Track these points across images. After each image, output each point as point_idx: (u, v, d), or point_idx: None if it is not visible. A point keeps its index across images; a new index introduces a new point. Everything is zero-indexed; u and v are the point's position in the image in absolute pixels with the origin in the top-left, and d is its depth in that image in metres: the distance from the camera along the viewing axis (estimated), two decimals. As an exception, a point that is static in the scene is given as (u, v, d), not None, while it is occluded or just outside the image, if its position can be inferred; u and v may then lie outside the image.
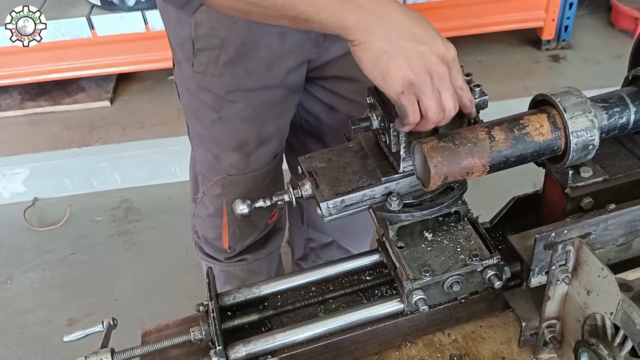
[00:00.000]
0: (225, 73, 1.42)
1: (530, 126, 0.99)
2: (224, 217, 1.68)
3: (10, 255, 2.89)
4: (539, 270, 1.01)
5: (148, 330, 1.19)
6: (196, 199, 1.74)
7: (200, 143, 1.63)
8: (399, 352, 1.13)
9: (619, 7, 3.93)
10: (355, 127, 1.09)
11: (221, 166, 1.60)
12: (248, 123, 1.53)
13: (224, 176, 1.61)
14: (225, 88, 1.46)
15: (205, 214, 1.73)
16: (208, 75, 1.45)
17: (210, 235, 1.78)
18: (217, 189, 1.64)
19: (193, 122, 1.61)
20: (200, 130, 1.60)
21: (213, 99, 1.49)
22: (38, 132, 3.50)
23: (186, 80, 1.50)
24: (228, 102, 1.48)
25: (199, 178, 1.70)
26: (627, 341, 0.87)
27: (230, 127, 1.54)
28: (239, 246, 1.76)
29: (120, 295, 2.64)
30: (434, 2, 3.47)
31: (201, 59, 1.42)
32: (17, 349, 2.48)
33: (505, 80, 3.57)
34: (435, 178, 0.95)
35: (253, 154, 1.58)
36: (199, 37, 1.39)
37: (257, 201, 1.13)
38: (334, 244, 2.07)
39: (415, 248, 1.09)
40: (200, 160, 1.67)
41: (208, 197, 1.67)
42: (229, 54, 1.40)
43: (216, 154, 1.60)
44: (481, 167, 0.97)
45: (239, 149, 1.57)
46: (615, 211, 1.01)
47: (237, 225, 1.70)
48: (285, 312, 1.15)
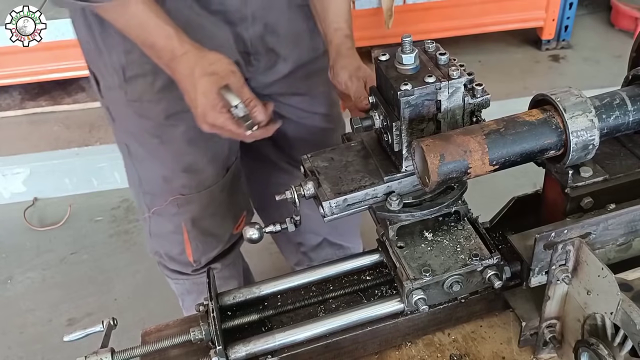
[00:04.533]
0: (162, 98, 1.39)
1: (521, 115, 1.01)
2: (185, 234, 1.65)
3: (10, 255, 2.89)
4: (539, 270, 1.01)
5: (148, 330, 1.19)
6: (145, 218, 1.69)
7: (146, 166, 1.58)
8: (399, 352, 1.13)
9: (619, 7, 3.93)
10: (358, 127, 1.09)
11: (172, 187, 1.57)
12: (193, 144, 1.49)
13: (176, 197, 1.57)
14: (164, 113, 1.42)
15: (165, 232, 1.69)
16: (144, 103, 1.41)
17: (174, 251, 1.72)
18: (172, 209, 1.60)
19: (135, 146, 1.55)
20: (144, 154, 1.55)
21: (153, 126, 1.45)
22: (38, 132, 3.50)
23: (121, 107, 1.46)
24: (169, 127, 1.45)
25: (145, 199, 1.65)
26: (627, 341, 0.87)
27: (176, 150, 1.50)
28: (205, 259, 1.72)
29: (120, 295, 2.64)
30: (434, 2, 3.47)
31: (134, 86, 1.39)
32: (17, 349, 2.48)
33: (505, 80, 3.57)
34: (434, 167, 0.95)
35: (203, 172, 1.55)
36: (130, 64, 1.36)
37: (267, 226, 1.15)
38: (324, 242, 2.05)
39: (415, 248, 1.09)
40: (147, 180, 1.62)
41: (164, 215, 1.63)
42: (164, 78, 1.35)
43: (165, 176, 1.56)
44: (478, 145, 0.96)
45: (188, 170, 1.54)
46: (615, 211, 1.01)
47: (200, 241, 1.67)
48: (285, 312, 1.15)
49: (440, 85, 1.00)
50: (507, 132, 0.97)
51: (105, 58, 1.37)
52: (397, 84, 1.00)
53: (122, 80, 1.38)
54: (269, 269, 2.45)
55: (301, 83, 1.61)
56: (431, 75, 1.00)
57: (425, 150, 0.94)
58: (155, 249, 1.77)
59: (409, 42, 1.01)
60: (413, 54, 1.01)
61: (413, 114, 1.02)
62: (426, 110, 1.03)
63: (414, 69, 1.02)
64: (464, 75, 1.01)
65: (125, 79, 1.38)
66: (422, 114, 1.03)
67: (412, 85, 0.99)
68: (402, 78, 1.01)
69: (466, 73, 1.02)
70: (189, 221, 1.62)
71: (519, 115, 1.00)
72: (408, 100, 1.00)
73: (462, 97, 1.03)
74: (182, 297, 1.89)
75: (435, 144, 0.95)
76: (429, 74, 1.00)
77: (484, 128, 0.98)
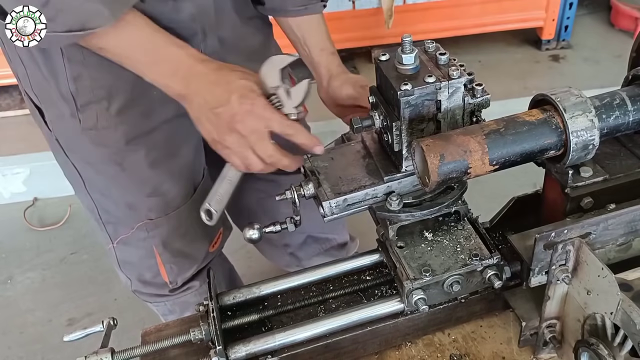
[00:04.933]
0: (120, 123, 1.31)
1: (521, 115, 1.01)
2: (157, 257, 1.58)
3: (10, 255, 2.89)
4: (539, 270, 1.01)
5: (148, 330, 1.20)
6: (110, 249, 1.61)
7: (106, 196, 1.49)
8: (399, 352, 1.13)
9: (619, 7, 3.93)
10: (358, 127, 1.09)
11: (139, 213, 1.49)
12: (156, 166, 1.42)
13: (145, 222, 1.50)
14: (124, 138, 1.34)
15: (135, 258, 1.61)
16: (101, 130, 1.32)
17: (147, 276, 1.65)
18: (141, 234, 1.52)
19: (92, 177, 1.45)
20: (104, 183, 1.46)
21: (113, 152, 1.37)
22: (38, 132, 3.48)
23: (75, 137, 1.36)
24: (130, 152, 1.37)
25: (107, 229, 1.56)
26: (627, 341, 0.87)
27: (139, 175, 1.42)
28: (181, 279, 1.65)
29: (120, 295, 2.64)
30: (434, 2, 3.47)
31: (88, 113, 1.30)
32: (17, 349, 2.48)
33: (505, 80, 3.57)
34: (434, 167, 0.95)
35: (170, 193, 1.48)
36: (81, 91, 1.27)
37: (267, 226, 1.15)
38: (309, 239, 2.01)
39: (415, 248, 1.09)
40: (107, 211, 1.52)
41: (132, 242, 1.55)
42: (120, 101, 1.29)
43: (129, 203, 1.48)
44: (478, 145, 0.96)
45: (154, 193, 1.46)
46: (615, 211, 1.01)
47: (173, 262, 1.60)
48: (285, 312, 1.15)
49: (440, 85, 1.00)
50: (507, 132, 0.97)
51: (52, 87, 1.29)
52: (397, 84, 1.00)
53: (75, 109, 1.30)
54: (269, 269, 2.45)
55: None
56: (431, 75, 1.00)
57: (425, 150, 0.94)
58: (127, 276, 1.70)
59: (409, 42, 1.01)
60: (413, 54, 1.01)
61: (413, 114, 1.03)
62: (426, 110, 1.03)
63: (414, 69, 1.02)
64: (464, 75, 1.01)
65: (78, 107, 1.29)
66: (422, 114, 1.03)
67: (412, 85, 0.99)
68: (402, 78, 1.01)
69: (466, 73, 1.02)
70: (160, 245, 1.56)
71: (519, 115, 1.00)
72: (408, 100, 1.00)
73: (462, 97, 1.03)
74: (164, 317, 1.81)
75: (435, 144, 0.95)
76: (429, 74, 1.00)
77: (484, 128, 0.98)
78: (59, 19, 1.04)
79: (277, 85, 1.09)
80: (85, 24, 1.05)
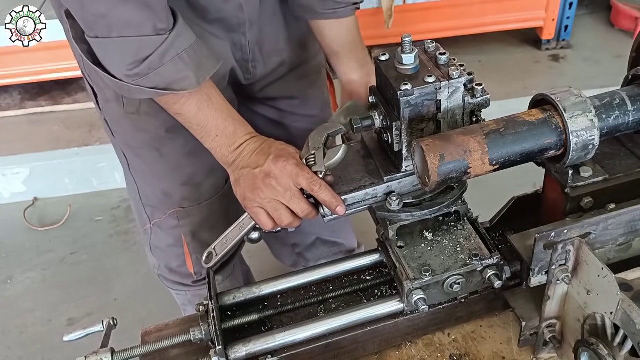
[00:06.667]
0: (161, 111, 1.32)
1: (521, 115, 1.01)
2: (185, 247, 1.64)
3: (10, 255, 2.89)
4: (539, 270, 1.01)
5: (148, 330, 1.19)
6: (146, 230, 1.68)
7: (145, 180, 1.57)
8: (399, 351, 1.13)
9: (619, 7, 3.93)
10: (358, 127, 1.09)
11: (172, 200, 1.56)
12: (192, 156, 1.48)
13: (177, 209, 1.56)
14: (164, 126, 1.40)
15: (165, 245, 1.68)
16: (143, 115, 1.39)
17: (173, 264, 1.72)
18: (172, 221, 1.59)
19: (134, 160, 1.53)
20: (144, 167, 1.54)
21: (152, 138, 1.44)
22: (38, 132, 3.50)
23: (120, 119, 1.43)
24: (168, 140, 1.44)
25: (146, 210, 1.63)
26: (627, 341, 0.87)
27: (175, 163, 1.49)
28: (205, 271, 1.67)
29: (120, 295, 2.64)
30: (434, 2, 3.47)
31: (132, 99, 1.35)
32: (17, 349, 2.48)
33: (505, 80, 3.57)
34: (434, 167, 0.95)
35: (203, 185, 1.54)
36: None
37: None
38: (318, 241, 2.04)
39: (415, 248, 1.09)
40: (146, 195, 1.60)
41: (164, 228, 1.62)
42: None
43: (164, 189, 1.55)
44: (478, 145, 0.96)
45: (188, 182, 1.53)
46: (615, 211, 1.01)
47: (200, 253, 1.58)
48: (285, 312, 1.15)
49: (440, 85, 1.00)
50: (507, 132, 0.97)
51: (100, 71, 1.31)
52: (397, 84, 1.00)
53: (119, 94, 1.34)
54: (269, 269, 2.45)
55: (294, 86, 1.61)
56: (431, 75, 1.00)
57: (425, 150, 0.94)
58: (156, 261, 1.76)
59: (409, 42, 1.01)
60: (413, 54, 1.01)
61: (413, 114, 1.03)
62: (426, 110, 1.03)
63: (414, 69, 1.02)
64: (464, 75, 1.01)
65: None
66: (422, 114, 1.03)
67: (412, 85, 0.99)
68: (402, 78, 1.01)
69: (466, 73, 1.02)
70: (189, 234, 1.62)
71: (519, 115, 1.00)
72: (408, 100, 1.00)
73: (462, 97, 1.03)
74: (184, 307, 1.89)
75: (435, 144, 0.95)
76: (429, 74, 1.00)
77: (484, 128, 0.98)
78: (150, 77, 1.11)
79: (319, 147, 1.13)
80: (171, 85, 1.13)
